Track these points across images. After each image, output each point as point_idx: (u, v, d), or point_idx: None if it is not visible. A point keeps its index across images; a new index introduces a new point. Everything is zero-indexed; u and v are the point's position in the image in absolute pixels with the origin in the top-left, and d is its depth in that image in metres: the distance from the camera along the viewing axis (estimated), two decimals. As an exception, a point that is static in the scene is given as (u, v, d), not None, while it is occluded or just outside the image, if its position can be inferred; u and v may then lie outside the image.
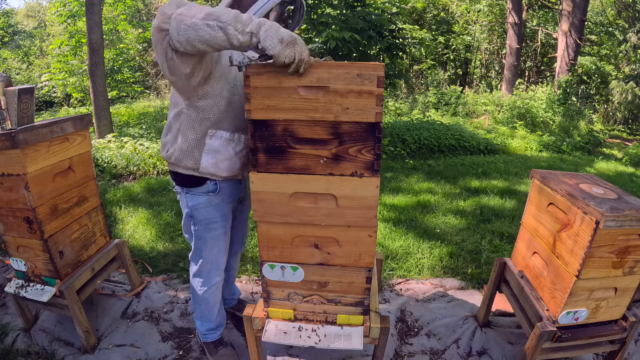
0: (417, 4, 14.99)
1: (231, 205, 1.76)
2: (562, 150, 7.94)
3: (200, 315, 1.90)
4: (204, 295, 1.82)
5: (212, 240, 1.73)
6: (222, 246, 1.77)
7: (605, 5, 15.37)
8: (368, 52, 5.69)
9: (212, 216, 1.68)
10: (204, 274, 1.79)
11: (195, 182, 1.61)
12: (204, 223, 1.69)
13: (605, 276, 1.62)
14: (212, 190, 1.64)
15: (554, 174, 1.91)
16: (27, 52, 19.73)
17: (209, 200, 1.65)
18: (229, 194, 1.70)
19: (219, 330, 1.95)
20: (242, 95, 1.49)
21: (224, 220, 1.73)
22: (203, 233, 1.72)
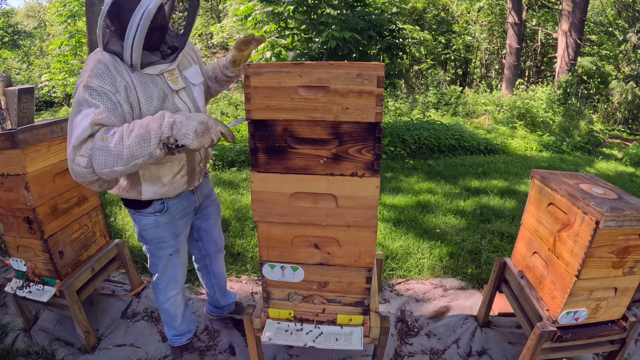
0: (417, 4, 14.99)
1: (184, 221, 1.73)
2: (562, 150, 7.94)
3: (165, 322, 1.93)
4: (163, 305, 1.85)
5: (164, 258, 1.73)
6: (177, 262, 1.76)
7: (605, 5, 15.37)
8: (368, 52, 5.69)
9: (161, 235, 1.67)
10: (161, 287, 1.81)
11: (142, 205, 1.60)
12: (154, 242, 1.69)
13: (605, 276, 1.62)
14: (159, 210, 1.61)
15: (554, 174, 1.91)
16: (27, 52, 19.73)
17: (156, 220, 1.63)
18: (179, 210, 1.68)
19: (185, 336, 1.97)
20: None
21: (175, 238, 1.71)
22: (155, 251, 1.72)
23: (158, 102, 1.43)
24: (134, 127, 1.25)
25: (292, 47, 5.69)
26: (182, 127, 1.25)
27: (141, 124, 1.25)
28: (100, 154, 1.23)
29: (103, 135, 1.24)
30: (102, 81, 1.30)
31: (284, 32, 5.63)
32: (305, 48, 5.68)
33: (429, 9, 16.14)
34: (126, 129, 1.25)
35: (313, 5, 5.35)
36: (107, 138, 1.23)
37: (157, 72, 1.44)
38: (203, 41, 17.43)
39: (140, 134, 1.23)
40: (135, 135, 1.23)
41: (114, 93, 1.32)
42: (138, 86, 1.39)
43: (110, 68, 1.33)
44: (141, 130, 1.24)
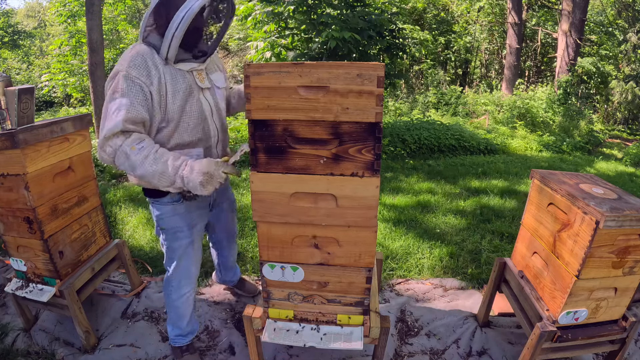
0: (417, 4, 14.99)
1: (199, 214, 1.81)
2: (562, 150, 7.93)
3: (171, 321, 1.93)
4: (174, 303, 1.87)
5: (180, 249, 1.78)
6: (192, 256, 1.81)
7: (605, 5, 15.37)
8: (368, 52, 5.68)
9: (178, 225, 1.74)
10: (175, 282, 1.84)
11: (160, 193, 1.68)
12: (171, 232, 1.76)
13: (605, 276, 1.62)
14: (176, 200, 1.70)
15: (554, 174, 1.91)
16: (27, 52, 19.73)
17: (173, 209, 1.72)
18: (195, 203, 1.76)
19: (187, 338, 1.98)
20: (195, 113, 1.61)
21: (190, 229, 1.77)
22: (171, 242, 1.78)
23: (184, 95, 1.55)
24: (159, 159, 1.44)
25: (292, 47, 5.68)
26: (189, 182, 1.45)
27: (164, 161, 1.44)
28: (122, 157, 1.43)
29: (132, 144, 1.42)
30: (139, 72, 1.43)
31: (284, 32, 5.63)
32: (305, 48, 5.68)
33: (429, 9, 16.13)
34: (152, 154, 1.43)
35: (313, 5, 5.35)
36: (135, 148, 1.42)
37: (187, 68, 1.57)
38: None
39: (158, 171, 1.44)
40: (155, 168, 1.43)
41: (148, 85, 1.45)
42: (168, 78, 1.51)
43: (147, 60, 1.46)
44: (160, 167, 1.43)
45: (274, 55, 5.64)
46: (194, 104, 1.59)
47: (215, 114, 1.70)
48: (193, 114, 1.60)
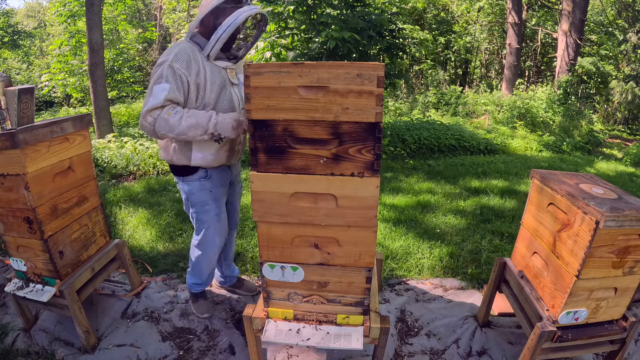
0: (417, 4, 14.99)
1: (222, 190, 2.07)
2: (562, 150, 7.93)
3: (192, 273, 2.21)
4: (199, 262, 2.14)
5: (208, 221, 2.03)
6: (218, 227, 2.06)
7: (605, 5, 15.37)
8: (368, 52, 5.68)
9: (205, 199, 2.00)
10: (202, 247, 2.09)
11: (189, 171, 1.95)
12: (199, 205, 2.01)
13: (605, 276, 1.62)
14: (203, 177, 1.96)
15: (554, 174, 1.91)
16: (27, 52, 19.73)
17: (201, 185, 1.97)
18: (219, 180, 2.02)
19: (203, 286, 2.27)
20: (227, 102, 1.88)
21: (216, 202, 2.03)
22: (200, 215, 2.03)
23: (219, 88, 1.84)
24: (192, 115, 1.70)
25: (292, 47, 5.68)
26: (222, 125, 1.73)
27: (197, 115, 1.71)
28: (162, 122, 1.69)
29: (169, 111, 1.69)
30: (181, 65, 1.71)
31: (284, 32, 5.63)
32: (305, 48, 5.68)
33: (429, 9, 16.13)
34: (185, 114, 1.70)
35: (313, 5, 5.35)
36: (171, 113, 1.68)
37: (223, 66, 1.88)
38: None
39: (193, 123, 1.70)
40: (190, 121, 1.69)
41: (187, 76, 1.73)
42: (208, 71, 1.81)
43: (190, 55, 1.74)
44: (194, 120, 1.70)
45: (274, 55, 5.64)
46: (226, 94, 1.88)
47: (242, 106, 1.95)
48: (225, 102, 1.88)
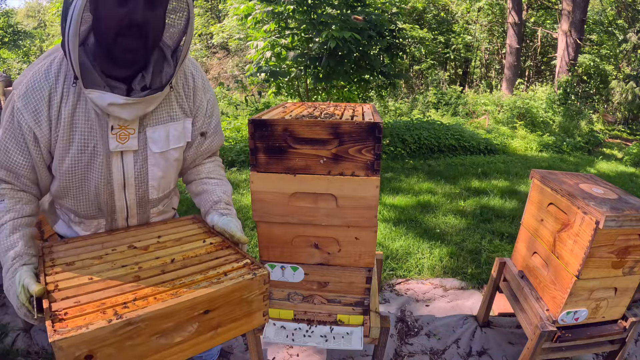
0: (417, 4, 14.98)
1: None
2: (562, 150, 7.92)
3: None
4: None
5: None
6: None
7: (605, 5, 15.36)
8: (368, 52, 5.68)
9: None
10: None
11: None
12: None
13: (605, 276, 1.62)
14: None
15: (554, 174, 1.91)
16: (27, 52, 19.74)
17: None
18: None
19: None
20: (84, 187, 1.15)
21: None
22: None
23: (79, 154, 1.07)
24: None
25: (292, 47, 5.68)
26: (8, 292, 0.98)
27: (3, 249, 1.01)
28: None
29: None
30: (26, 104, 1.02)
31: (284, 32, 5.63)
32: (305, 48, 5.68)
33: (429, 9, 16.13)
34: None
35: (313, 5, 5.35)
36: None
37: (103, 103, 1.00)
38: (203, 41, 17.43)
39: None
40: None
41: (32, 126, 1.03)
42: (66, 115, 1.04)
43: (43, 85, 1.02)
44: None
45: (274, 55, 5.64)
46: (93, 170, 1.10)
47: (132, 186, 1.17)
48: (87, 184, 1.13)
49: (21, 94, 1.02)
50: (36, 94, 1.02)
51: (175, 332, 0.89)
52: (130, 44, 0.99)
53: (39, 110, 1.02)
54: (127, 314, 0.82)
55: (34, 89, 1.02)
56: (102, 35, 1.00)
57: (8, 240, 1.01)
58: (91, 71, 1.00)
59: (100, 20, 0.99)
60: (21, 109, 1.02)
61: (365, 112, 1.58)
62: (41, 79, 1.02)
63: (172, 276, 0.97)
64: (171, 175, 1.26)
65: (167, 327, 0.87)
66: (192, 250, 1.10)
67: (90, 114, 1.05)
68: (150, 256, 1.06)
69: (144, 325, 0.83)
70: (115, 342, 0.80)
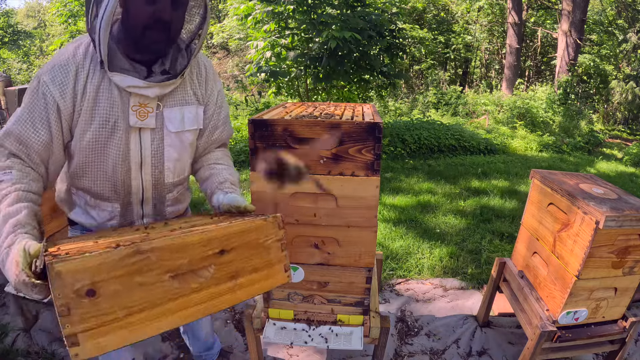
0: (417, 4, 14.98)
1: None
2: (562, 150, 7.93)
3: None
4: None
5: None
6: None
7: (605, 5, 15.37)
8: (368, 52, 5.68)
9: None
10: None
11: (71, 220, 1.39)
12: None
13: (605, 276, 1.62)
14: (88, 229, 1.35)
15: (554, 174, 1.91)
16: (27, 52, 19.74)
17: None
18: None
19: None
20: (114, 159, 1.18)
21: None
22: None
23: (100, 128, 1.12)
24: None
25: (292, 47, 5.69)
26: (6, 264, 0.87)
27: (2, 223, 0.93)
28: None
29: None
30: (53, 78, 1.07)
31: (284, 32, 5.63)
32: (306, 48, 5.68)
33: (429, 9, 16.13)
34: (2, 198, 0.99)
35: (313, 5, 5.35)
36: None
37: (123, 85, 1.09)
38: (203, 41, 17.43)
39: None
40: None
41: (57, 98, 1.07)
42: (91, 93, 1.10)
43: (70, 62, 1.08)
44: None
45: (274, 55, 5.64)
46: (112, 146, 1.14)
47: (149, 165, 1.21)
48: (106, 160, 1.16)
49: (48, 69, 1.08)
50: (63, 69, 1.08)
51: (190, 274, 0.80)
52: (156, 37, 1.09)
53: (65, 83, 1.08)
54: (135, 241, 0.74)
55: (61, 65, 1.08)
56: (130, 28, 1.09)
57: (10, 208, 0.95)
58: (115, 54, 1.10)
59: (129, 14, 1.08)
60: (47, 82, 1.07)
61: (365, 112, 1.58)
62: (69, 57, 1.09)
63: (183, 231, 0.90)
64: (186, 159, 1.32)
65: (180, 264, 0.77)
66: (200, 222, 1.06)
67: (114, 91, 1.11)
68: (158, 228, 1.04)
69: (154, 258, 0.73)
70: (122, 276, 0.69)
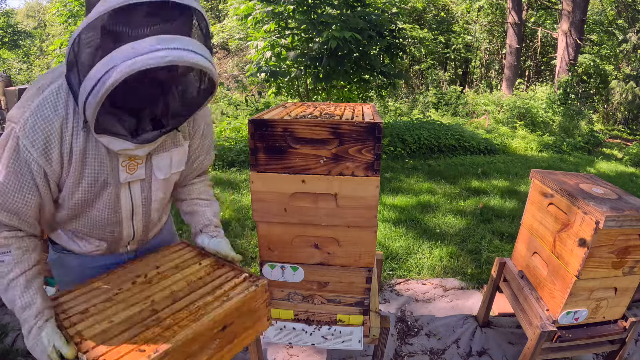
0: (417, 4, 14.99)
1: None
2: (562, 150, 7.93)
3: None
4: None
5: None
6: None
7: (605, 5, 15.37)
8: (368, 52, 5.68)
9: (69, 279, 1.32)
10: None
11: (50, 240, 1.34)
12: (62, 283, 1.39)
13: (605, 276, 1.62)
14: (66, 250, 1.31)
15: (554, 174, 1.91)
16: (27, 52, 19.74)
17: (60, 259, 1.34)
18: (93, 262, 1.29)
19: None
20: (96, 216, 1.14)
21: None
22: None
23: (90, 187, 1.06)
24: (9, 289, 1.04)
25: (292, 47, 5.69)
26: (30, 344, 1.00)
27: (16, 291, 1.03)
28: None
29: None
30: (34, 140, 0.94)
31: (284, 31, 5.63)
32: (306, 48, 5.68)
33: (429, 9, 16.13)
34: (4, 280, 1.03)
35: (313, 5, 5.35)
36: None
37: (112, 148, 0.98)
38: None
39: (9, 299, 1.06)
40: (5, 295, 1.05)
41: (42, 164, 0.98)
42: (77, 151, 1.00)
43: (53, 118, 0.95)
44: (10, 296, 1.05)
45: (274, 55, 5.64)
46: (102, 201, 1.10)
47: (139, 214, 1.20)
48: (96, 214, 1.13)
49: (28, 130, 0.94)
50: (46, 129, 0.95)
51: (201, 351, 0.98)
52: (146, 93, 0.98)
53: (50, 146, 0.96)
54: (161, 347, 0.89)
55: (43, 124, 0.95)
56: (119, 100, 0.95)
57: (25, 298, 1.03)
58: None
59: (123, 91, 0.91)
60: (28, 146, 0.95)
61: (365, 112, 1.58)
62: (50, 113, 0.95)
63: (185, 302, 1.03)
64: (169, 194, 1.30)
65: (195, 350, 0.96)
66: (192, 274, 1.15)
67: (101, 149, 1.03)
68: (157, 287, 1.10)
69: (176, 353, 0.91)
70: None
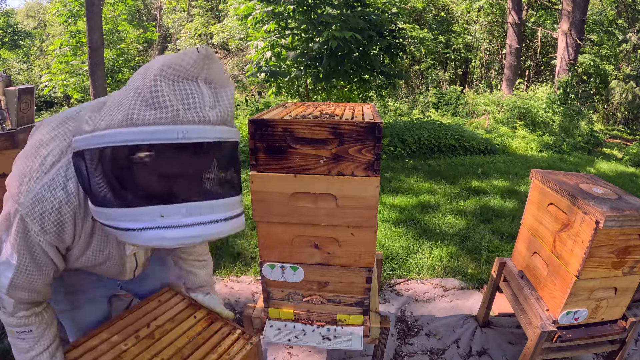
0: (417, 4, 14.99)
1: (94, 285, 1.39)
2: (562, 150, 7.93)
3: None
4: None
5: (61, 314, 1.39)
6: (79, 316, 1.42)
7: (605, 5, 15.37)
8: (368, 52, 5.68)
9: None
10: None
11: None
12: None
13: (605, 276, 1.62)
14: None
15: (554, 174, 1.91)
16: (27, 52, 19.75)
17: None
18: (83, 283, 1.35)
19: None
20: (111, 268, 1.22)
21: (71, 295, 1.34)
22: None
23: (93, 257, 1.12)
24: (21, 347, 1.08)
25: (293, 47, 5.69)
26: None
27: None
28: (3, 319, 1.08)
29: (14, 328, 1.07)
30: (45, 226, 0.95)
31: (284, 32, 5.63)
32: (306, 48, 5.68)
33: (429, 9, 16.13)
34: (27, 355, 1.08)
35: (313, 5, 5.35)
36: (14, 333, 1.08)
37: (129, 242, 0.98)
38: (203, 41, 17.45)
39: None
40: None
41: (58, 244, 1.01)
42: (86, 234, 1.04)
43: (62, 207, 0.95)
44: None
45: (274, 55, 5.64)
46: (106, 265, 1.19)
47: (141, 267, 1.34)
48: (101, 271, 1.23)
49: (37, 216, 0.94)
50: (58, 218, 0.96)
51: None
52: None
53: (63, 230, 0.98)
54: None
55: (53, 213, 0.95)
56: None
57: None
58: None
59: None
60: (39, 232, 0.95)
61: (365, 112, 1.58)
62: (61, 200, 0.95)
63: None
64: None
65: None
66: (191, 329, 1.33)
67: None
68: (162, 344, 1.25)
69: None
70: None
